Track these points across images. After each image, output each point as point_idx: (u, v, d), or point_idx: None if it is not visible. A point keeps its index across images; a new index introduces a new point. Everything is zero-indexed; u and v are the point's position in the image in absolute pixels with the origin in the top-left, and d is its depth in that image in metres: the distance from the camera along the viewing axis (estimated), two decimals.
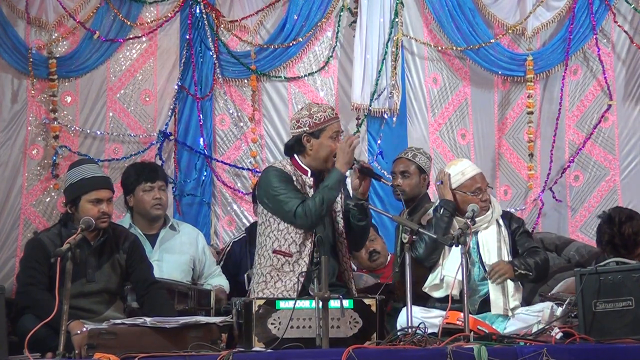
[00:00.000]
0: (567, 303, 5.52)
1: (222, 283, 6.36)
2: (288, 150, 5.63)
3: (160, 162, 7.25)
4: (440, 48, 7.83)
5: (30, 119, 7.12)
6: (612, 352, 4.69)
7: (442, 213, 5.79)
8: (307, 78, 7.69)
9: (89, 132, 7.26)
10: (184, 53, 7.46)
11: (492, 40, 7.79)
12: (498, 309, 5.64)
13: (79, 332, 4.83)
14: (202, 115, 7.47)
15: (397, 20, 7.66)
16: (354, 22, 7.66)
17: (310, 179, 5.54)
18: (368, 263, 6.82)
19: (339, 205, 5.62)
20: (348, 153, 5.41)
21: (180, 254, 6.33)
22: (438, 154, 7.77)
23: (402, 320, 5.22)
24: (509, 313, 5.63)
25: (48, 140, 7.14)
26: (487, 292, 5.70)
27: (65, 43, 7.25)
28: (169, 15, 7.43)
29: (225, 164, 7.55)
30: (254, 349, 4.81)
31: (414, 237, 5.35)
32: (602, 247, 6.47)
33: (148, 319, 4.81)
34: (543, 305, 5.63)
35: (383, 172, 7.30)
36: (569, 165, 7.85)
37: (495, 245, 5.80)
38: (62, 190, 6.21)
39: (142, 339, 4.71)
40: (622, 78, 7.88)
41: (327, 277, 4.66)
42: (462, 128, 7.88)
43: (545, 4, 7.87)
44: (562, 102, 7.83)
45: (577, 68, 7.91)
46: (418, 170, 6.51)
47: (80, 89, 7.27)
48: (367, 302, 5.03)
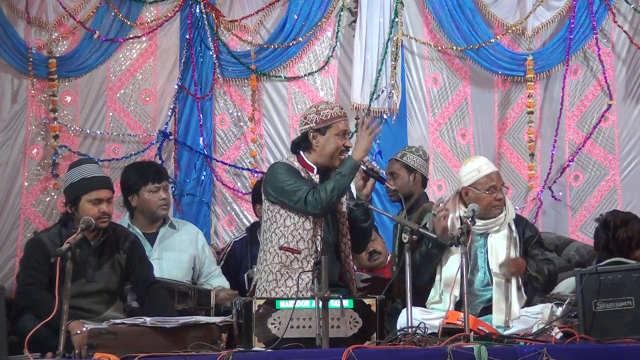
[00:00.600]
0: (567, 303, 5.51)
1: (222, 284, 6.35)
2: (295, 147, 5.61)
3: (160, 161, 7.25)
4: (440, 48, 7.83)
5: (30, 119, 7.12)
6: (612, 352, 4.68)
7: (429, 247, 5.58)
8: (307, 78, 7.69)
9: (89, 131, 7.27)
10: (184, 53, 7.46)
11: (492, 40, 7.78)
12: (500, 312, 5.52)
13: (79, 332, 4.83)
14: (202, 115, 7.47)
15: (397, 20, 7.66)
16: (354, 21, 7.66)
17: (317, 176, 5.50)
18: (368, 263, 6.81)
19: (344, 207, 5.58)
20: (366, 139, 5.35)
21: (180, 252, 6.31)
22: (438, 154, 7.77)
23: (402, 322, 5.19)
24: (510, 324, 5.49)
25: (48, 140, 7.15)
26: (489, 298, 5.59)
27: (65, 43, 7.25)
28: (169, 15, 7.44)
29: (225, 164, 7.55)
30: (254, 349, 4.81)
31: (414, 237, 5.33)
32: (598, 251, 6.44)
33: (148, 319, 4.81)
34: (543, 306, 5.59)
35: (382, 172, 7.29)
36: (569, 165, 7.85)
37: (505, 252, 5.63)
38: (62, 190, 6.21)
39: (142, 339, 4.71)
40: (622, 78, 7.86)
41: (327, 277, 4.66)
42: (462, 128, 7.88)
43: (545, 4, 7.86)
44: (562, 101, 7.83)
45: (577, 68, 7.90)
46: (405, 169, 6.52)
47: (80, 89, 7.28)
48: (367, 302, 5.02)
